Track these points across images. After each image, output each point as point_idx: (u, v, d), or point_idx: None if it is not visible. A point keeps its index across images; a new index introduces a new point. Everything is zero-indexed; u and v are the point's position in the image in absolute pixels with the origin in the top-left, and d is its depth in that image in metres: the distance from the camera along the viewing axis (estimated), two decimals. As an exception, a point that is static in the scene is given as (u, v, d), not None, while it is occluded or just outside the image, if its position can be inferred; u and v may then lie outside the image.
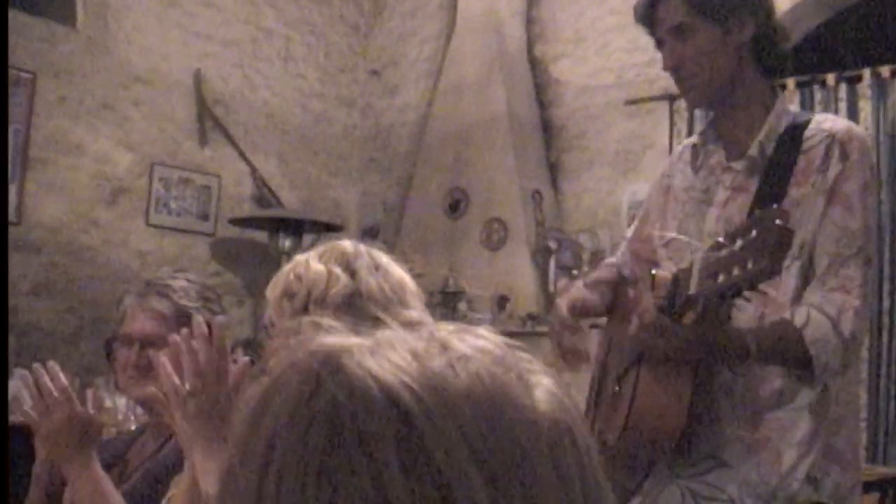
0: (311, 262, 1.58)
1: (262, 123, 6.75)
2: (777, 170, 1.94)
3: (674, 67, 2.03)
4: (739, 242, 1.59)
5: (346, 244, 1.62)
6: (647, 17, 2.05)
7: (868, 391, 4.83)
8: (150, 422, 2.23)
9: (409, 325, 0.64)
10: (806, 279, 1.91)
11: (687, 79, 2.02)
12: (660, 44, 2.06)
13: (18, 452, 2.17)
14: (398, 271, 1.61)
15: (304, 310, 1.53)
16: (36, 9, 5.58)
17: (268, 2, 6.79)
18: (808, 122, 1.98)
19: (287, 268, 1.60)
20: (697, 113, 5.41)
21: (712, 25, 1.96)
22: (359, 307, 1.52)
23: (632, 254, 2.32)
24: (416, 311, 1.58)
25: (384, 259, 1.62)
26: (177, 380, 1.50)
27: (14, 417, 1.99)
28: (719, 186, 2.05)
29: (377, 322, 1.45)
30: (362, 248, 1.61)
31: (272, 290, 1.60)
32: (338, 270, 1.55)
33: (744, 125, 2.03)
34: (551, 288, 5.63)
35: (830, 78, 5.17)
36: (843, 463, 1.95)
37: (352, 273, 1.55)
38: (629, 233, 2.39)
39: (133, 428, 2.41)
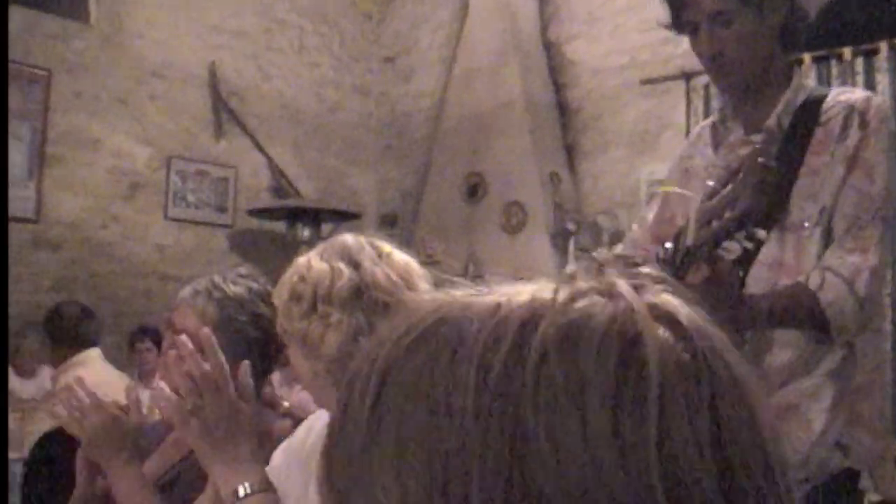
0: (312, 262, 1.57)
1: (277, 114, 6.75)
2: (795, 140, 1.94)
3: (714, 54, 2.01)
4: (729, 186, 1.60)
5: (348, 238, 1.61)
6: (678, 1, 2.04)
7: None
8: None
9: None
10: (827, 245, 1.90)
11: (727, 65, 2.00)
12: (691, 29, 2.04)
13: (60, 455, 2.17)
14: (402, 256, 1.61)
15: (313, 309, 1.53)
16: (49, 6, 5.60)
17: (279, -8, 6.80)
18: (825, 96, 1.99)
19: (290, 272, 1.59)
20: (713, 91, 5.37)
21: (751, 10, 1.96)
22: (366, 298, 1.52)
23: (653, 237, 2.30)
24: (426, 294, 1.58)
25: (387, 247, 1.61)
26: (176, 400, 1.51)
27: (55, 422, 2.01)
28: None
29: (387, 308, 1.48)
30: (363, 239, 1.61)
31: (278, 296, 1.59)
32: (340, 265, 1.54)
33: (763, 101, 2.03)
34: (570, 270, 5.61)
35: (847, 52, 5.13)
36: (871, 430, 1.95)
37: (355, 265, 1.54)
38: (650, 216, 2.37)
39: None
